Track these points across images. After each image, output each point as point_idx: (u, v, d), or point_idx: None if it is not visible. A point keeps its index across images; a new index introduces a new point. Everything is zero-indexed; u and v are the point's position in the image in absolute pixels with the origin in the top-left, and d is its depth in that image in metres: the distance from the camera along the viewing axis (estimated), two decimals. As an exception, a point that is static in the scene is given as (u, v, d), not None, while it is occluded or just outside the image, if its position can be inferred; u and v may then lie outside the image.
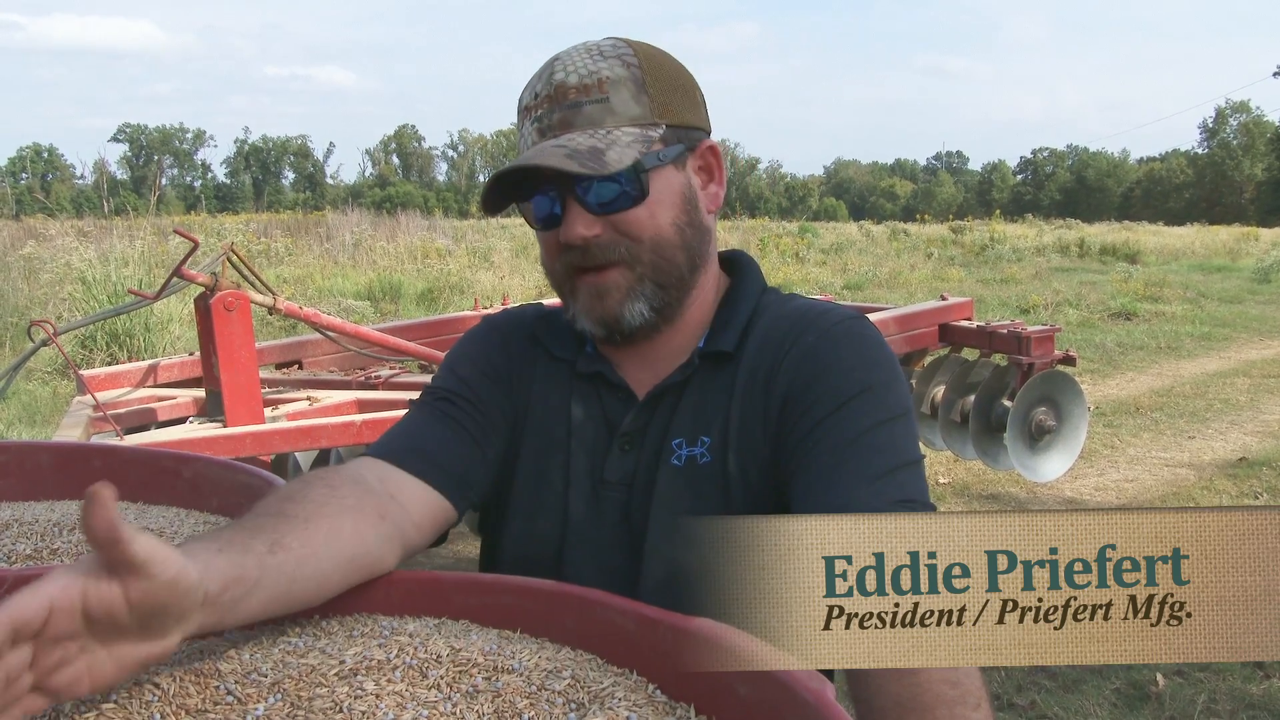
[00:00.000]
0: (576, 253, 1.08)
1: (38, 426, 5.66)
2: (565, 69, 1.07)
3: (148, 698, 0.73)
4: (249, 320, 2.99)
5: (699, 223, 1.13)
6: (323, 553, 0.88)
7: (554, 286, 1.15)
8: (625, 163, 1.03)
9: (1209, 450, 5.74)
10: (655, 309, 1.10)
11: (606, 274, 1.08)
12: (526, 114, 1.10)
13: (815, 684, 0.70)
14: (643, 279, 1.09)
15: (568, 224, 1.07)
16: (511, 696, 0.75)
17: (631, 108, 1.06)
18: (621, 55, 1.08)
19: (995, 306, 11.28)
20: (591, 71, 1.06)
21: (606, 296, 1.09)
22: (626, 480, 1.13)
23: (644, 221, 1.08)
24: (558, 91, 1.06)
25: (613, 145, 1.04)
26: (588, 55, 1.08)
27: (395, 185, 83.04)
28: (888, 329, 4.12)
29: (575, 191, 1.06)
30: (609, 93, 1.06)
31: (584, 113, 1.05)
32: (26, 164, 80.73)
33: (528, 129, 1.10)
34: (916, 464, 1.02)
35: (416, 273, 12.05)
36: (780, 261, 14.70)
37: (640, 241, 1.08)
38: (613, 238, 1.07)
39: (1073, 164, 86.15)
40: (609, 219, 1.07)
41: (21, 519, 1.22)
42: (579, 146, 1.04)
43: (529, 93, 1.10)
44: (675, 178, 1.10)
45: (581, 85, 1.06)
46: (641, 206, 1.07)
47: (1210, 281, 14.88)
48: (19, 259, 9.95)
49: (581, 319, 1.12)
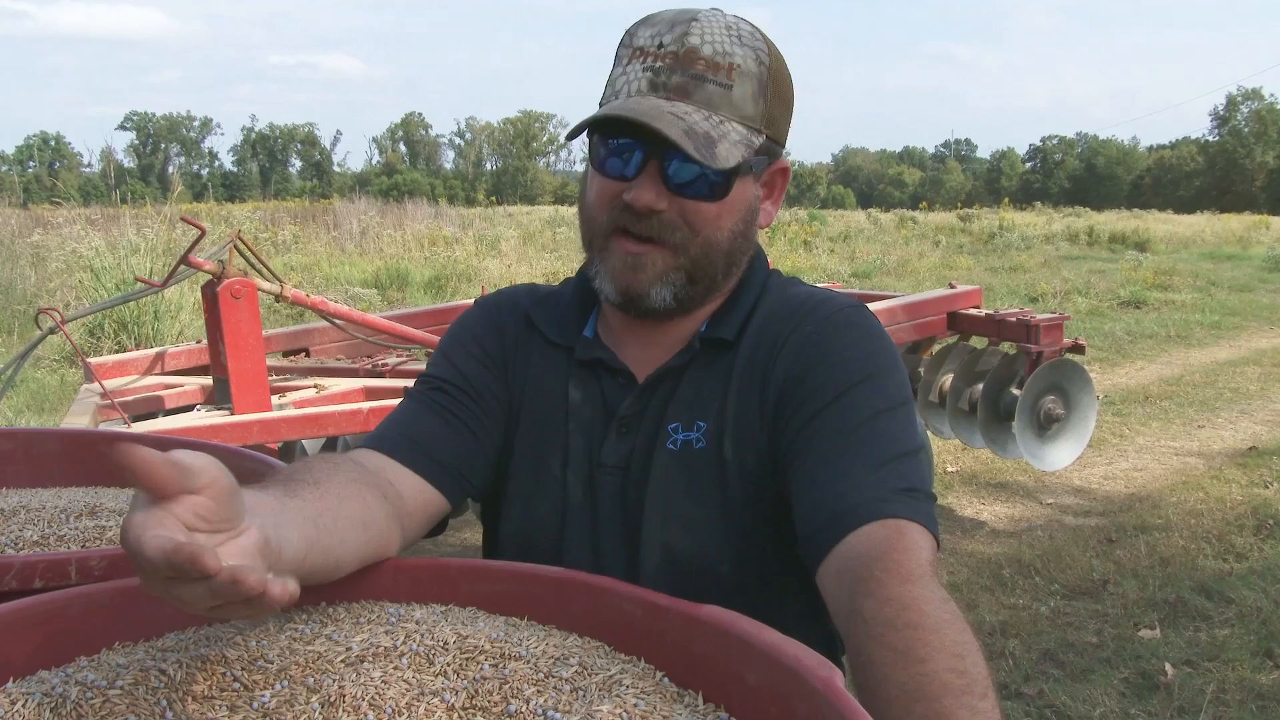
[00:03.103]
0: (632, 216, 1.06)
1: (45, 414, 5.68)
2: (702, 35, 1.03)
3: (154, 684, 0.73)
4: (256, 308, 2.99)
5: (750, 235, 1.13)
6: (338, 510, 0.89)
7: (587, 232, 1.12)
8: (731, 162, 1.02)
9: (1219, 439, 5.72)
10: (679, 299, 1.09)
11: (650, 249, 1.07)
12: (640, 55, 1.05)
13: (824, 671, 0.69)
14: (680, 268, 1.08)
15: (642, 188, 1.04)
16: (519, 683, 0.75)
17: (748, 106, 1.05)
18: (757, 49, 1.05)
19: (1004, 294, 11.24)
20: (726, 52, 1.03)
21: (641, 271, 1.07)
22: (623, 464, 1.12)
23: (709, 218, 1.07)
24: (687, 54, 1.03)
25: (724, 138, 1.02)
26: (726, 33, 1.04)
27: (402, 173, 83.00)
28: (896, 317, 4.10)
29: (663, 159, 1.03)
30: (735, 81, 1.03)
31: (705, 90, 1.03)
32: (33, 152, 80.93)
33: (637, 72, 1.05)
34: (916, 452, 1.02)
35: (424, 260, 12.05)
36: (789, 249, 14.66)
37: (697, 234, 1.07)
38: (674, 219, 1.06)
39: (1082, 152, 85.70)
40: (680, 200, 1.05)
41: (29, 505, 1.23)
42: (697, 126, 1.01)
43: (651, 36, 1.05)
44: (750, 188, 1.10)
45: (713, 61, 1.03)
46: (715, 204, 1.06)
47: (1220, 270, 14.80)
48: (27, 247, 9.96)
49: (604, 280, 1.10)
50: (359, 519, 0.92)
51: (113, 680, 0.73)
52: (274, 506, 0.79)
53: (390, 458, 1.07)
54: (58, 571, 0.89)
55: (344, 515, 0.89)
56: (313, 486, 0.89)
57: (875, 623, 0.82)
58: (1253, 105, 71.74)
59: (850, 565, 0.90)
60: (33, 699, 0.71)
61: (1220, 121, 73.34)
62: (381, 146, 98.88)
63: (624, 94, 1.04)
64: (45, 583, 0.88)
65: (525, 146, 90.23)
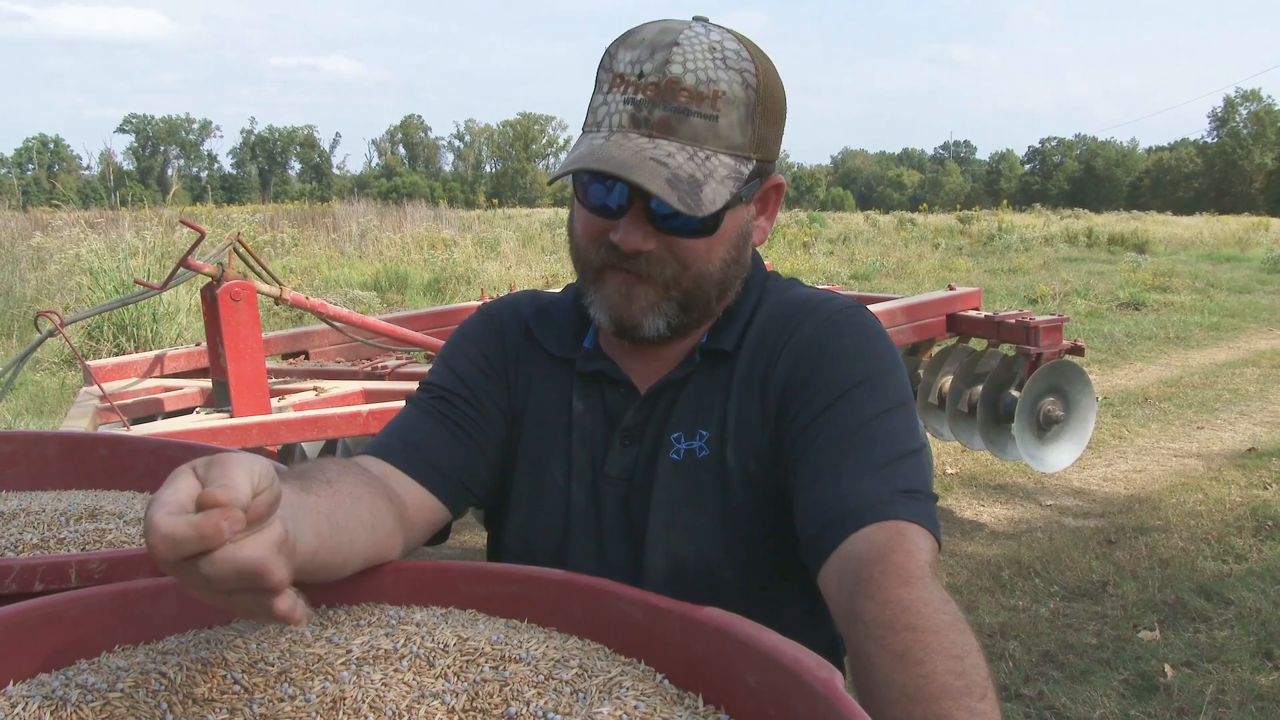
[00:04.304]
0: (620, 255, 1.05)
1: (45, 417, 5.67)
2: (684, 63, 0.99)
3: (154, 687, 0.73)
4: (255, 310, 2.99)
5: (743, 259, 1.11)
6: (350, 510, 0.89)
7: (578, 266, 1.11)
8: (718, 204, 0.99)
9: (1218, 441, 5.72)
10: (672, 327, 1.09)
11: (640, 283, 1.06)
12: (621, 84, 1.01)
13: (824, 673, 0.69)
14: (671, 299, 1.07)
15: (628, 230, 1.02)
16: (519, 686, 0.75)
17: (735, 135, 1.01)
18: (743, 71, 1.01)
19: (1003, 296, 11.25)
20: (710, 79, 0.99)
21: (633, 301, 1.07)
22: (627, 475, 1.12)
23: (699, 253, 1.05)
24: (669, 85, 0.98)
25: (710, 178, 0.99)
26: (710, 57, 1.00)
27: (401, 175, 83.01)
28: (895, 319, 4.10)
29: (649, 200, 1.01)
30: (720, 110, 1.00)
31: (690, 124, 0.99)
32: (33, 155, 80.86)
33: (617, 103, 1.01)
34: (917, 453, 1.01)
35: (423, 263, 12.05)
36: (787, 251, 14.67)
37: (688, 269, 1.06)
38: (663, 256, 1.05)
39: (1081, 153, 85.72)
40: (667, 238, 1.04)
41: (29, 509, 1.22)
42: (680, 171, 0.98)
43: (631, 63, 1.00)
44: (741, 214, 1.08)
45: (696, 91, 0.99)
46: (704, 240, 1.05)
47: (1219, 271, 14.81)
48: (26, 250, 9.96)
49: (599, 310, 1.09)
50: (368, 521, 0.92)
51: (113, 683, 0.73)
52: (292, 501, 0.79)
53: (392, 465, 1.07)
54: (58, 574, 0.89)
55: (355, 516, 0.90)
56: (326, 485, 0.89)
57: (874, 625, 0.82)
58: (1251, 107, 71.77)
59: (850, 567, 0.90)
60: (33, 702, 0.70)
61: (1219, 123, 73.37)
62: (381, 149, 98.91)
63: (605, 126, 1.01)
64: (45, 586, 0.88)
65: (524, 149, 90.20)
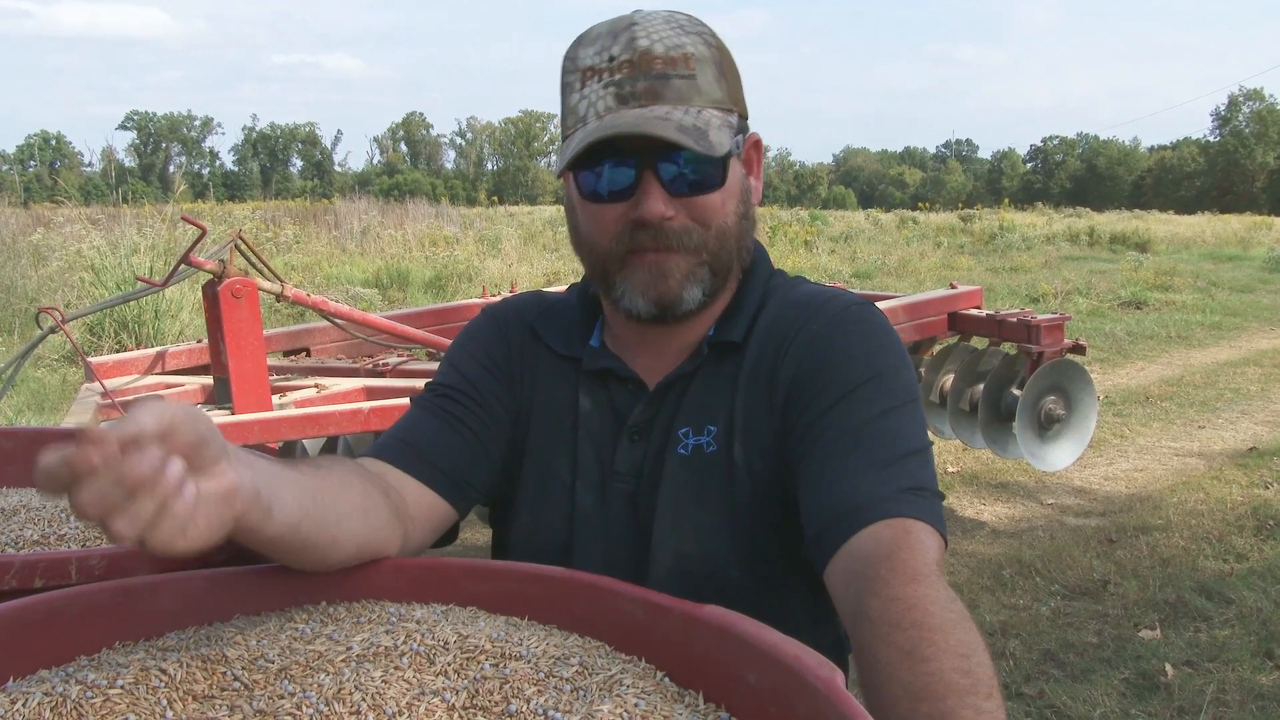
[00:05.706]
0: (647, 233, 1.04)
1: (46, 413, 5.68)
2: (649, 36, 1.02)
3: (154, 684, 0.73)
4: (257, 307, 2.99)
5: (750, 215, 1.12)
6: (339, 492, 0.90)
7: (596, 263, 1.10)
8: (725, 147, 1.00)
9: (1219, 440, 5.71)
10: (707, 294, 1.09)
11: (670, 255, 1.06)
12: (594, 75, 1.03)
13: (825, 671, 0.69)
14: (703, 264, 1.07)
15: (648, 201, 1.02)
16: (519, 683, 0.75)
17: (715, 90, 1.03)
18: (701, 33, 1.05)
19: (1005, 295, 11.24)
20: (677, 45, 1.02)
21: (669, 277, 1.06)
22: (635, 471, 1.12)
23: (717, 209, 1.06)
24: (642, 58, 1.01)
25: (709, 126, 1.00)
26: (668, 26, 1.03)
27: (403, 173, 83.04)
28: (897, 317, 4.10)
29: (657, 168, 1.02)
30: (695, 70, 1.02)
31: (673, 86, 1.01)
32: (34, 151, 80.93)
33: (597, 92, 1.02)
34: (924, 451, 1.01)
35: (424, 260, 12.05)
36: (789, 249, 14.65)
37: (709, 228, 1.06)
38: (684, 222, 1.05)
39: (1083, 152, 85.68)
40: (684, 201, 1.04)
41: (29, 505, 1.23)
42: (684, 122, 0.99)
43: (597, 53, 1.03)
44: (738, 168, 1.09)
45: (668, 57, 1.01)
46: (717, 193, 1.05)
47: (1221, 270, 14.80)
48: (28, 246, 9.97)
49: (634, 297, 1.08)
50: (360, 505, 0.92)
51: (113, 679, 0.73)
52: (273, 469, 0.80)
53: (390, 464, 1.07)
54: (58, 571, 0.89)
55: (344, 497, 0.90)
56: (315, 468, 0.91)
57: (880, 622, 0.82)
58: (1254, 106, 71.71)
59: (856, 565, 0.90)
60: (33, 698, 0.70)
61: (1221, 122, 73.32)
62: (383, 146, 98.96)
63: (591, 117, 1.02)
64: (46, 582, 0.88)
65: (526, 146, 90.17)
